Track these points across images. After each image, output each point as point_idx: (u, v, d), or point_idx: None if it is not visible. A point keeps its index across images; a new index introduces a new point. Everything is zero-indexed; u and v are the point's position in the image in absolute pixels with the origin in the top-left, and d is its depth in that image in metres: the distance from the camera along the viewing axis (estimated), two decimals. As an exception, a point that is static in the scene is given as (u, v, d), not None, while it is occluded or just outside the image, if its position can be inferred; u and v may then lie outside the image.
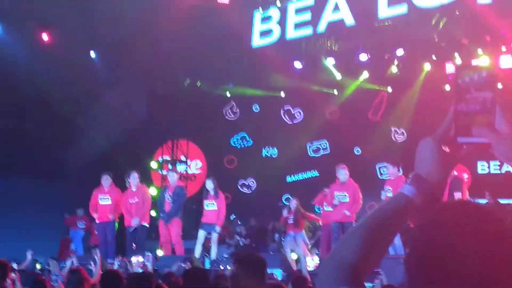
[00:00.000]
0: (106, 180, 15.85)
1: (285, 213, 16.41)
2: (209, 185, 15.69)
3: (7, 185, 18.92)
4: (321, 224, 16.21)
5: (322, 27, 17.69)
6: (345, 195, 14.47)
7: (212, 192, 15.59)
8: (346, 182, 14.69)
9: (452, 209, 1.63)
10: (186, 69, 20.48)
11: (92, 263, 11.82)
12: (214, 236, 15.47)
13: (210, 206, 15.54)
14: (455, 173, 12.97)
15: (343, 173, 14.75)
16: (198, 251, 15.19)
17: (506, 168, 18.07)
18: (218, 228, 15.50)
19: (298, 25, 18.15)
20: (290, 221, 16.21)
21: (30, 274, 11.22)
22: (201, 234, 15.52)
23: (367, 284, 7.62)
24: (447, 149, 1.86)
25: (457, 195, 12.96)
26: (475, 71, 1.84)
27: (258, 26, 18.90)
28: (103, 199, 15.78)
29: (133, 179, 15.72)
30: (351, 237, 1.83)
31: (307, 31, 18.08)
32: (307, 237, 16.42)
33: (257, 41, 18.93)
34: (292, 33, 18.29)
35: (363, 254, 1.76)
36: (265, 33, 18.76)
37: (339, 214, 14.52)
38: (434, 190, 1.85)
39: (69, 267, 11.52)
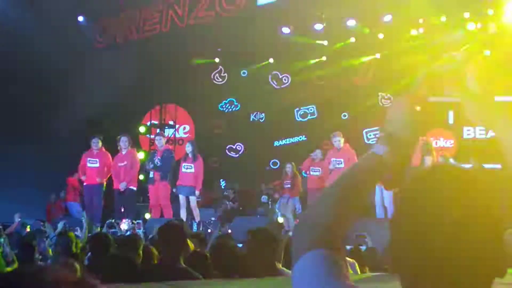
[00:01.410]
0: (96, 144, 15.80)
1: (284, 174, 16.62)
2: (188, 148, 15.75)
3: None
4: (309, 188, 16.33)
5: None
6: (341, 161, 14.52)
7: (190, 155, 15.64)
8: (342, 148, 14.76)
9: (438, 172, 1.62)
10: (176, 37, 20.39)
11: (78, 228, 11.87)
12: (193, 200, 15.54)
13: (188, 169, 15.59)
14: (424, 137, 13.02)
15: (336, 140, 14.82)
16: (183, 216, 15.30)
17: (492, 133, 18.14)
18: (197, 192, 15.59)
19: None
20: (287, 186, 16.38)
21: (19, 237, 11.23)
22: (181, 198, 15.60)
23: (348, 247, 7.74)
24: (418, 109, 1.87)
25: (428, 159, 13.03)
26: (448, 32, 1.91)
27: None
28: (91, 162, 15.74)
29: (123, 142, 15.66)
30: (324, 198, 1.83)
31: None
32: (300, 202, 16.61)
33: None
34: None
35: (337, 215, 1.75)
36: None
37: (332, 179, 14.59)
38: (405, 149, 1.88)
39: (60, 229, 11.56)
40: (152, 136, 20.65)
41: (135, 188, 15.79)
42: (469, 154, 16.06)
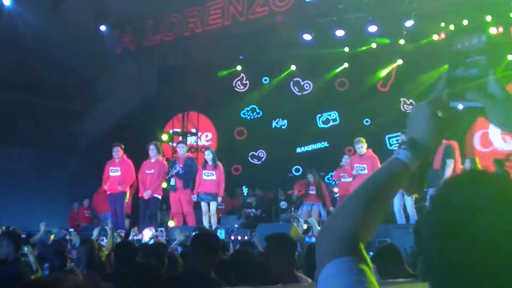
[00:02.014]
0: (116, 152, 15.86)
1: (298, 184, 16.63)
2: (208, 155, 15.75)
3: (18, 157, 19.09)
4: (338, 195, 16.37)
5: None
6: (364, 167, 14.44)
7: (210, 163, 15.65)
8: (365, 154, 14.69)
9: (470, 179, 1.59)
10: (197, 43, 20.43)
11: (103, 238, 11.92)
12: (213, 206, 15.54)
13: (209, 176, 15.60)
14: (446, 140, 12.95)
15: (358, 147, 14.74)
16: (206, 223, 15.33)
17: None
18: (219, 199, 15.62)
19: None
20: (312, 192, 16.42)
21: (45, 245, 11.30)
22: (204, 205, 15.63)
23: (370, 253, 7.71)
24: (440, 114, 1.87)
25: (450, 162, 12.93)
26: (470, 36, 1.90)
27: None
28: (113, 171, 15.79)
29: (151, 151, 15.75)
30: (347, 205, 1.82)
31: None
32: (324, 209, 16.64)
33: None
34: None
35: (360, 221, 1.75)
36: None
37: (355, 185, 14.53)
38: (428, 155, 1.86)
39: (96, 236, 11.63)
40: (174, 144, 20.73)
41: (160, 197, 15.82)
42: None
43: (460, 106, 1.85)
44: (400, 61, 20.26)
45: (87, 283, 1.22)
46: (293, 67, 21.91)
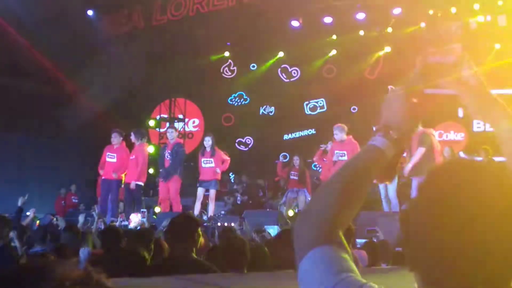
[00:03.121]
0: (114, 138, 15.72)
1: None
2: (207, 142, 15.70)
3: (3, 142, 19.00)
4: (322, 179, 16.32)
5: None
6: (344, 153, 14.36)
7: (208, 149, 15.63)
8: (344, 140, 14.62)
9: (452, 168, 1.61)
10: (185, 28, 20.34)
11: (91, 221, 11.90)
12: (212, 193, 15.56)
13: (207, 163, 15.60)
14: (421, 128, 13.06)
15: (336, 132, 14.68)
16: (197, 209, 15.32)
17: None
18: (217, 184, 15.63)
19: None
20: (294, 177, 16.37)
21: (34, 230, 11.25)
22: (200, 191, 15.62)
23: (360, 241, 7.75)
24: (415, 101, 1.88)
25: (420, 150, 12.98)
26: (448, 23, 1.91)
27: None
28: (110, 157, 15.66)
29: (132, 137, 15.68)
30: (325, 192, 1.82)
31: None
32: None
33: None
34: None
35: (339, 209, 1.74)
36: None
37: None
38: (402, 142, 1.88)
39: (82, 222, 11.58)
40: (161, 130, 20.69)
41: (142, 183, 15.74)
42: (479, 147, 15.95)
43: (435, 93, 1.88)
44: (388, 49, 20.26)
45: (79, 269, 1.20)
46: (281, 54, 21.87)
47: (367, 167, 1.83)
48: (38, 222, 13.76)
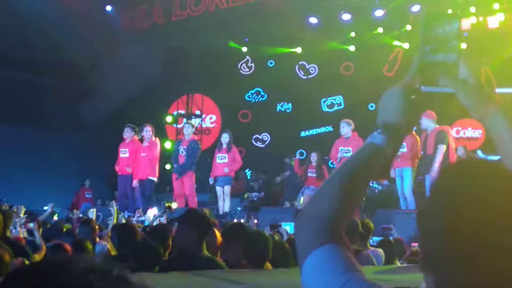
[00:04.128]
0: (126, 133, 15.81)
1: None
2: (225, 138, 15.75)
3: (22, 137, 19.11)
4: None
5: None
6: (349, 150, 14.24)
7: (225, 146, 15.68)
8: (350, 137, 14.58)
9: (463, 169, 1.61)
10: (202, 24, 20.35)
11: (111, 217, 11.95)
12: (227, 189, 15.61)
13: (222, 159, 15.66)
14: (437, 125, 13.13)
15: (344, 125, 14.67)
16: (221, 208, 15.44)
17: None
18: (231, 181, 15.68)
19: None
20: (312, 174, 16.32)
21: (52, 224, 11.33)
22: (218, 189, 15.72)
23: (376, 239, 7.75)
24: (413, 98, 1.89)
25: (441, 148, 12.95)
26: (448, 22, 1.92)
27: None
28: (123, 152, 15.76)
29: (146, 133, 15.74)
30: (325, 190, 1.82)
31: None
32: None
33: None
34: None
35: (340, 207, 1.75)
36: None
37: None
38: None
39: (91, 217, 11.66)
40: (178, 126, 20.73)
41: (155, 179, 15.81)
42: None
43: (432, 91, 1.89)
44: (406, 45, 20.15)
45: (99, 263, 1.21)
46: (298, 50, 21.81)
47: (366, 164, 1.84)
48: (56, 216, 13.86)
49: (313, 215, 1.75)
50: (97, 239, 8.47)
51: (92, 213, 12.73)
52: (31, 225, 9.28)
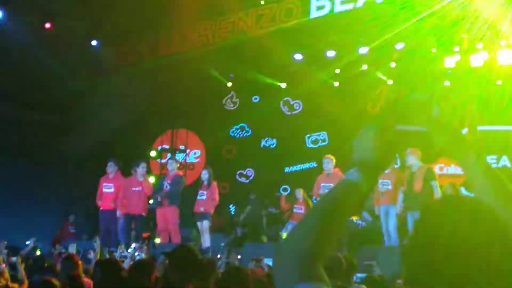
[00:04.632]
0: (110, 167, 15.83)
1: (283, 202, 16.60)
2: (204, 175, 15.86)
3: (6, 171, 18.99)
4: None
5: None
6: (330, 186, 14.27)
7: (205, 183, 15.75)
8: (331, 173, 14.66)
9: (450, 204, 1.63)
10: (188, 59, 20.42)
11: (91, 251, 11.88)
12: (205, 224, 15.57)
13: (201, 196, 15.69)
14: (421, 163, 13.34)
15: (325, 163, 14.80)
16: (204, 242, 15.41)
17: (503, 162, 18.15)
18: (210, 216, 15.68)
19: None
20: (299, 211, 16.31)
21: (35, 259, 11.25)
22: (199, 225, 15.71)
23: (361, 275, 7.77)
24: (388, 136, 1.91)
25: (436, 184, 13.09)
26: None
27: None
28: (107, 187, 15.76)
29: (142, 168, 15.80)
30: (303, 226, 1.82)
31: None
32: None
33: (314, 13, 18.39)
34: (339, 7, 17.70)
35: (318, 243, 1.75)
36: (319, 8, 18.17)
37: None
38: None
39: (72, 251, 11.60)
40: (163, 161, 20.70)
41: (145, 215, 15.85)
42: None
43: (406, 130, 1.93)
44: (390, 82, 20.25)
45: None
46: (283, 85, 21.87)
47: (343, 201, 1.85)
48: (38, 251, 13.76)
49: (291, 252, 1.75)
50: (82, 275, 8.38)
51: (72, 248, 12.67)
52: (13, 259, 9.21)
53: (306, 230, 1.79)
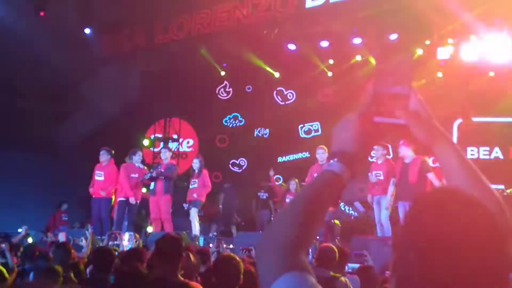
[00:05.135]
0: (102, 156, 15.82)
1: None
2: (195, 164, 15.92)
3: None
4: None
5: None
6: None
7: (196, 171, 15.82)
8: (324, 164, 14.67)
9: (442, 195, 1.62)
10: (181, 48, 20.37)
11: (83, 238, 11.89)
12: (193, 212, 15.59)
13: (193, 184, 15.77)
14: (414, 155, 13.38)
15: (319, 153, 14.87)
16: (193, 229, 15.42)
17: (495, 153, 18.18)
18: (199, 204, 15.72)
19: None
20: None
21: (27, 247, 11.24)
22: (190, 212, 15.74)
23: (352, 265, 7.80)
24: (367, 127, 1.94)
25: (432, 175, 13.10)
26: (400, 55, 1.96)
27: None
28: (98, 175, 15.75)
29: (138, 156, 15.86)
30: (285, 216, 1.84)
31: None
32: None
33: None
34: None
35: (300, 233, 1.75)
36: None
37: None
38: (357, 166, 1.93)
39: (62, 240, 11.60)
40: (155, 150, 20.69)
41: (138, 202, 15.86)
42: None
43: (384, 122, 1.94)
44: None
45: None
46: (276, 75, 21.84)
47: (324, 191, 1.87)
48: (30, 239, 13.76)
49: (274, 242, 1.75)
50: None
51: (62, 237, 12.68)
52: (3, 245, 9.20)
53: (290, 220, 1.79)
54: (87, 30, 20.23)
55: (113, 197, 15.80)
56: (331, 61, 20.47)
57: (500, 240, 1.51)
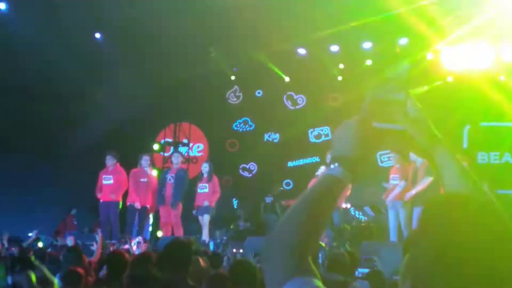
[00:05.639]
0: (109, 160, 15.92)
1: None
2: (205, 168, 15.91)
3: (9, 164, 19.02)
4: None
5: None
6: None
7: (205, 175, 15.80)
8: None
9: (457, 199, 1.63)
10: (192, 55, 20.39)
11: (94, 243, 11.91)
12: (205, 219, 15.62)
13: (203, 189, 15.76)
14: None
15: (329, 158, 14.85)
16: (204, 235, 15.45)
17: (506, 158, 18.12)
18: (211, 210, 15.72)
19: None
20: None
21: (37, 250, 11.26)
22: (200, 219, 15.75)
23: (362, 270, 7.79)
24: (367, 131, 1.96)
25: (426, 180, 13.07)
26: (397, 62, 1.99)
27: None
28: (106, 179, 15.87)
29: (145, 161, 15.90)
30: (290, 220, 1.83)
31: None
32: None
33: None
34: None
35: (305, 238, 1.77)
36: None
37: None
38: (357, 170, 1.94)
39: (70, 245, 11.62)
40: (165, 154, 20.71)
41: (149, 207, 15.91)
42: (483, 179, 15.94)
43: (382, 127, 1.97)
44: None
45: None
46: (287, 79, 21.85)
47: (327, 195, 1.88)
48: (40, 243, 13.80)
49: (283, 246, 1.76)
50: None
51: (70, 241, 12.72)
52: (12, 249, 9.23)
53: (295, 224, 1.79)
54: (98, 35, 20.26)
55: (121, 201, 15.90)
56: (341, 65, 20.45)
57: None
